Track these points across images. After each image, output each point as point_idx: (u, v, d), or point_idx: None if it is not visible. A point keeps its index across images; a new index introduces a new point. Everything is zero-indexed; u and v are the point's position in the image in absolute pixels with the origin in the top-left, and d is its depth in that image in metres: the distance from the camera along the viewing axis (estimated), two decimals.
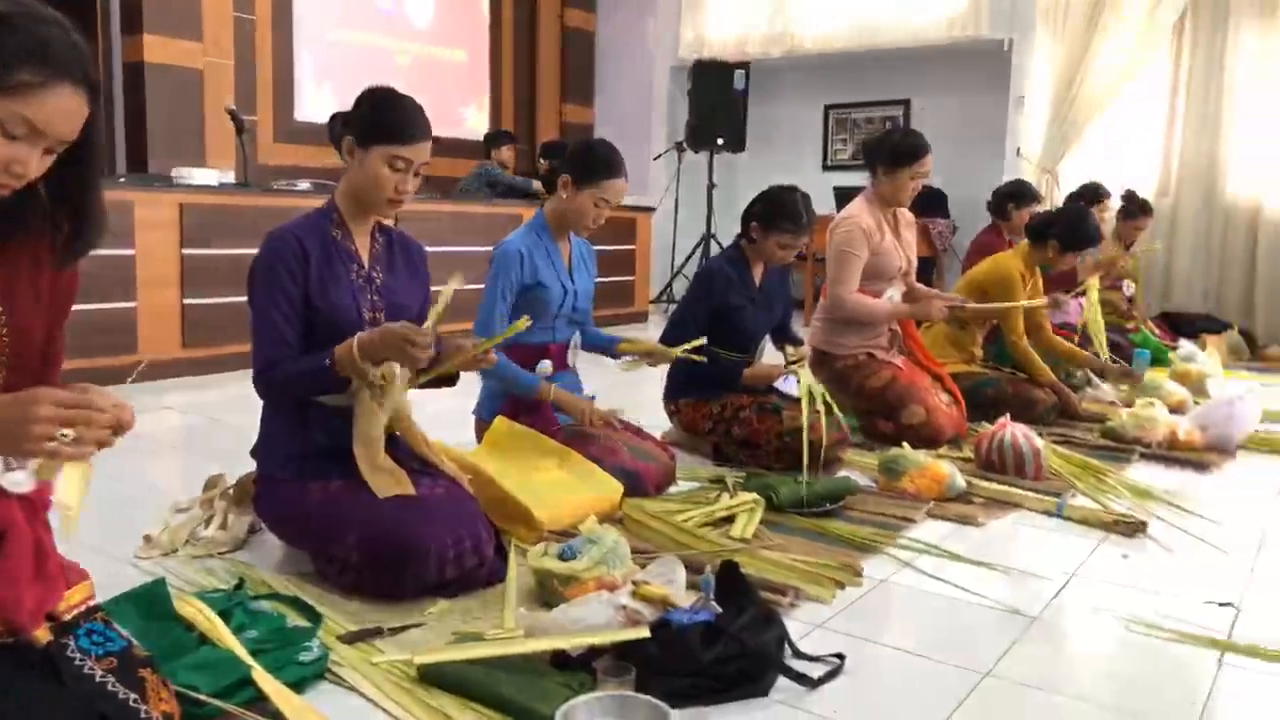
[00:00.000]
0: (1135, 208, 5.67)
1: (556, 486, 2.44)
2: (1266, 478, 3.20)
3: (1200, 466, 3.28)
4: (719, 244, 7.89)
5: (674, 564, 1.97)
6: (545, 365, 2.79)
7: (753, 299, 3.17)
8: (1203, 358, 4.76)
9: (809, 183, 8.38)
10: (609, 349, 2.98)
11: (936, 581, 2.19)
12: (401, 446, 2.14)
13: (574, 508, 2.34)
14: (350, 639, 1.77)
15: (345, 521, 1.95)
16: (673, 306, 7.71)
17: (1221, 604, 2.10)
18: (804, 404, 2.92)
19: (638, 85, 8.87)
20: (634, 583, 1.87)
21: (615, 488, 2.51)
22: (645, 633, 1.64)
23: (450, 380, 2.18)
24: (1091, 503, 2.80)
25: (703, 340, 2.92)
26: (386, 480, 1.99)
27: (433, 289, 2.11)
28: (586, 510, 2.28)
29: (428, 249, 2.31)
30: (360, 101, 2.08)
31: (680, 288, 8.04)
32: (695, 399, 3.20)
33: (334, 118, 2.13)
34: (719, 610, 1.76)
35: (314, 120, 6.61)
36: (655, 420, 3.31)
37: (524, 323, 2.05)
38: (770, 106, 8.66)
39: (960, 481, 2.79)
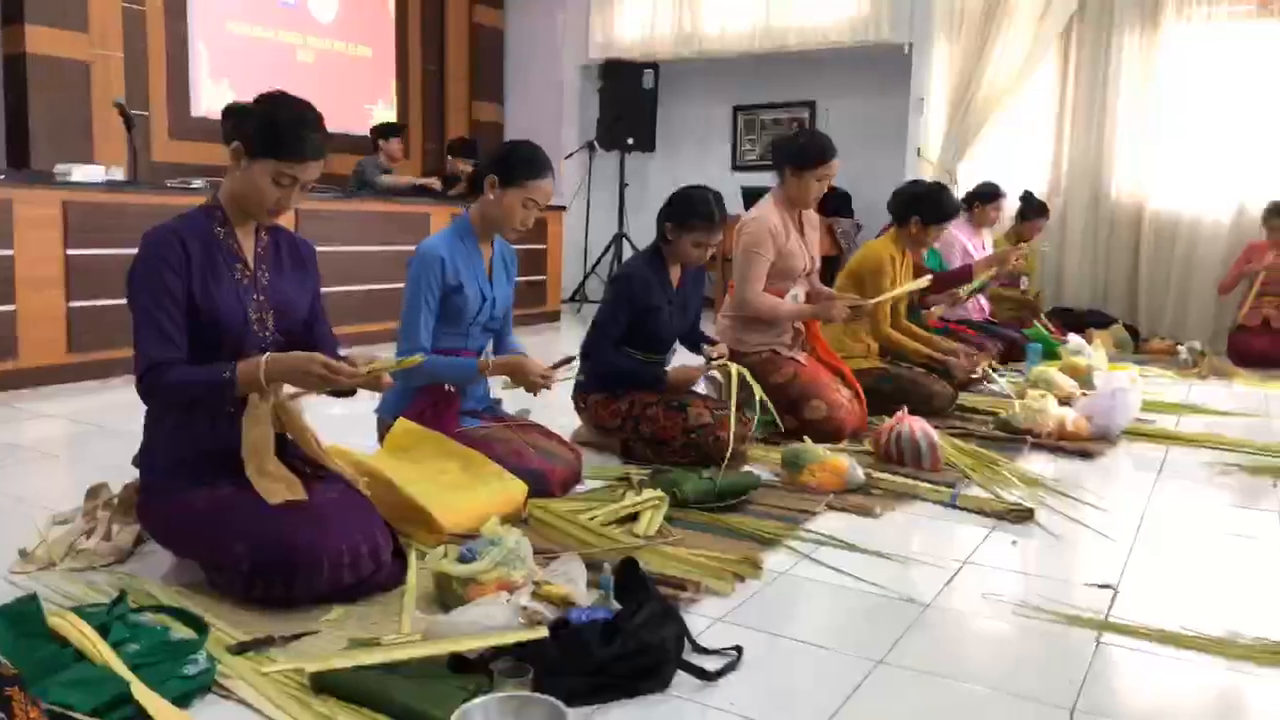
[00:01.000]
0: (1032, 209, 5.92)
1: (459, 489, 2.41)
2: (1146, 464, 3.36)
3: (1086, 455, 3.43)
4: (631, 243, 7.92)
5: (575, 563, 1.97)
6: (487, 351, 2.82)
7: (670, 300, 3.19)
8: (1090, 351, 4.97)
9: (718, 183, 8.44)
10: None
11: (834, 572, 2.24)
12: (293, 450, 2.09)
13: (477, 510, 2.32)
14: (239, 649, 1.71)
15: (234, 529, 1.89)
16: (587, 306, 7.73)
17: (1101, 585, 2.20)
18: (731, 394, 2.97)
19: (548, 84, 8.84)
20: (535, 583, 1.87)
21: (520, 489, 2.49)
22: (544, 633, 1.64)
23: (349, 390, 2.13)
24: (984, 492, 2.90)
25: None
26: (276, 486, 1.94)
27: (371, 357, 2.05)
28: (490, 512, 2.26)
29: (329, 249, 2.26)
30: (255, 108, 1.99)
31: (593, 287, 8.05)
32: (604, 395, 3.21)
33: (228, 112, 2.05)
34: (618, 608, 1.77)
35: (212, 116, 6.39)
36: (565, 421, 3.30)
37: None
38: (680, 107, 8.72)
39: (860, 474, 2.86)
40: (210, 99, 6.73)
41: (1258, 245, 5.95)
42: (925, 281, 4.02)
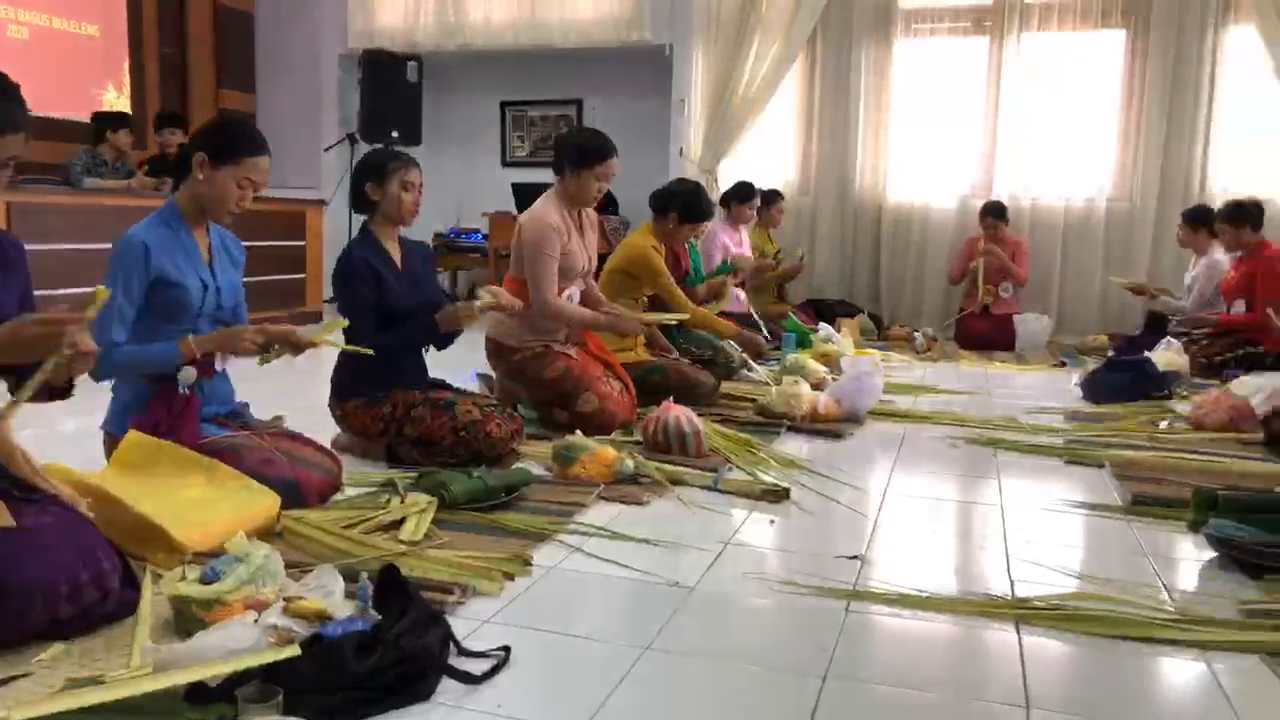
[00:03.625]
0: (770, 195, 6.50)
1: (202, 504, 2.22)
2: (888, 441, 3.63)
3: (836, 435, 3.66)
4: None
5: (332, 575, 1.86)
6: (188, 372, 2.52)
7: (398, 277, 3.08)
8: (839, 339, 5.34)
9: (489, 179, 8.25)
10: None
11: (604, 563, 2.25)
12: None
13: (224, 525, 2.14)
14: None
15: None
16: None
17: (850, 557, 2.35)
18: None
19: (304, 73, 8.38)
20: (286, 599, 1.75)
21: (271, 500, 2.33)
22: (295, 651, 1.53)
23: (63, 391, 1.90)
24: (745, 475, 3.03)
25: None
26: None
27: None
28: (238, 527, 2.08)
29: (48, 247, 2.01)
30: None
31: None
32: (364, 401, 3.07)
33: None
34: (378, 618, 1.69)
35: None
36: (324, 425, 3.13)
37: (46, 370, 1.71)
38: (446, 100, 8.54)
39: (629, 464, 2.90)
40: None
41: (976, 239, 6.61)
42: (684, 317, 4.17)
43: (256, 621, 1.66)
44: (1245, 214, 5.14)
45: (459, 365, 3.73)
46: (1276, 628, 1.91)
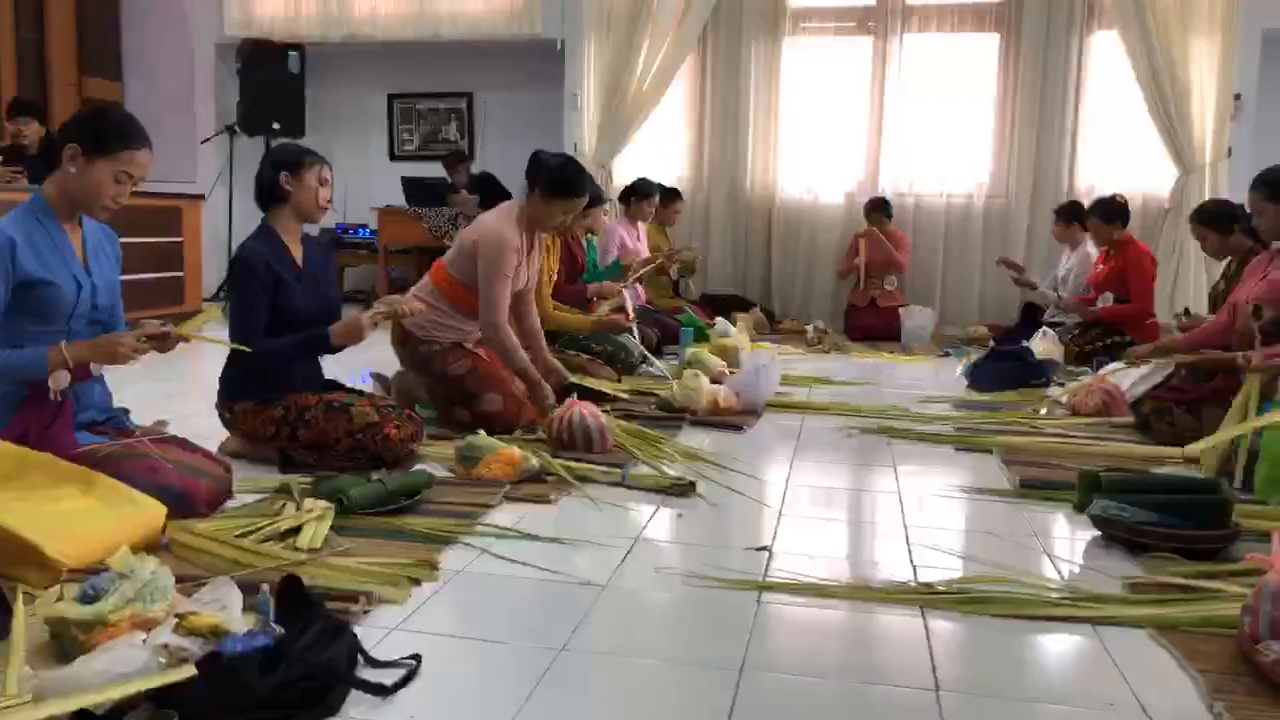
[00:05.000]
0: (668, 193, 6.52)
1: (80, 517, 2.08)
2: (787, 432, 3.69)
3: (737, 428, 3.70)
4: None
5: (228, 588, 1.76)
6: (60, 376, 2.35)
7: (299, 278, 2.96)
8: (735, 332, 5.40)
9: (377, 173, 8.06)
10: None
11: (513, 564, 2.21)
12: None
13: (104, 540, 2.00)
14: None
15: None
16: None
17: (758, 548, 2.37)
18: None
19: (177, 62, 8.00)
20: (177, 616, 1.65)
21: (156, 511, 2.20)
22: (191, 671, 1.45)
23: None
24: (651, 470, 3.02)
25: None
26: None
27: None
28: (120, 541, 1.96)
29: None
30: None
31: None
32: (255, 403, 2.93)
33: None
34: (280, 632, 1.61)
35: None
36: (211, 430, 2.98)
37: None
38: (331, 91, 8.27)
39: (534, 462, 2.86)
40: None
41: (861, 235, 6.80)
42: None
43: (145, 642, 1.55)
44: (1115, 211, 5.43)
45: (354, 365, 3.62)
46: (1158, 602, 2.02)
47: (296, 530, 2.29)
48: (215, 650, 1.51)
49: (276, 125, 7.50)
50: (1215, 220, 4.22)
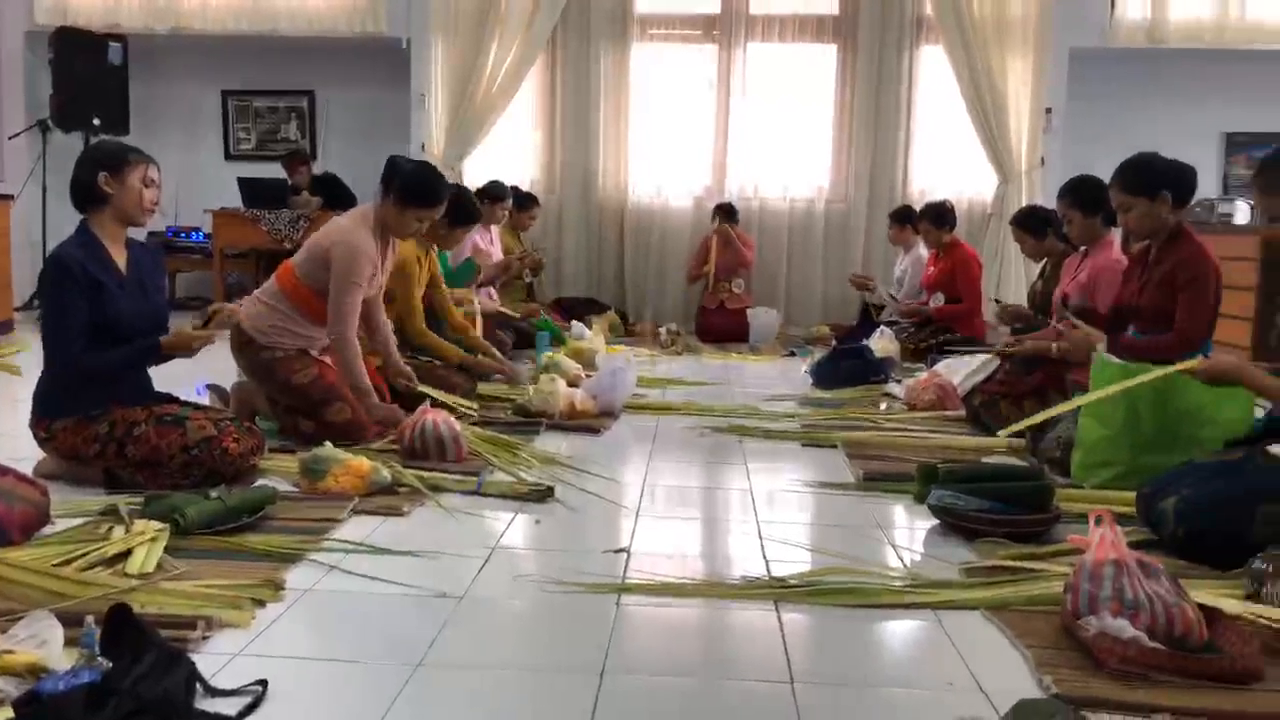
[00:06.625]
0: (525, 199, 6.46)
1: None
2: (643, 434, 3.73)
3: (594, 431, 3.71)
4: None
5: (47, 621, 1.63)
6: None
7: (122, 284, 2.77)
8: (590, 336, 5.42)
9: (211, 173, 7.68)
10: None
11: (365, 579, 2.14)
12: None
13: None
14: None
15: None
16: None
17: (616, 550, 2.38)
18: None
19: None
20: None
21: None
22: (6, 713, 1.33)
23: None
24: (508, 476, 2.99)
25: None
26: None
27: None
28: None
29: None
30: None
31: None
32: (76, 419, 2.72)
33: None
34: (109, 665, 1.50)
35: None
36: (24, 451, 2.75)
37: None
38: (159, 86, 7.79)
39: (385, 474, 2.78)
40: None
41: (710, 238, 6.95)
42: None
43: None
44: (944, 216, 5.76)
45: (187, 376, 3.42)
46: (990, 584, 2.15)
47: (126, 555, 2.13)
48: (34, 690, 1.40)
49: (97, 121, 7.01)
50: (1030, 225, 4.52)
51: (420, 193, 3.38)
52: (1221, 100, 7.30)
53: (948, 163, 7.38)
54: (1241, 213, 5.93)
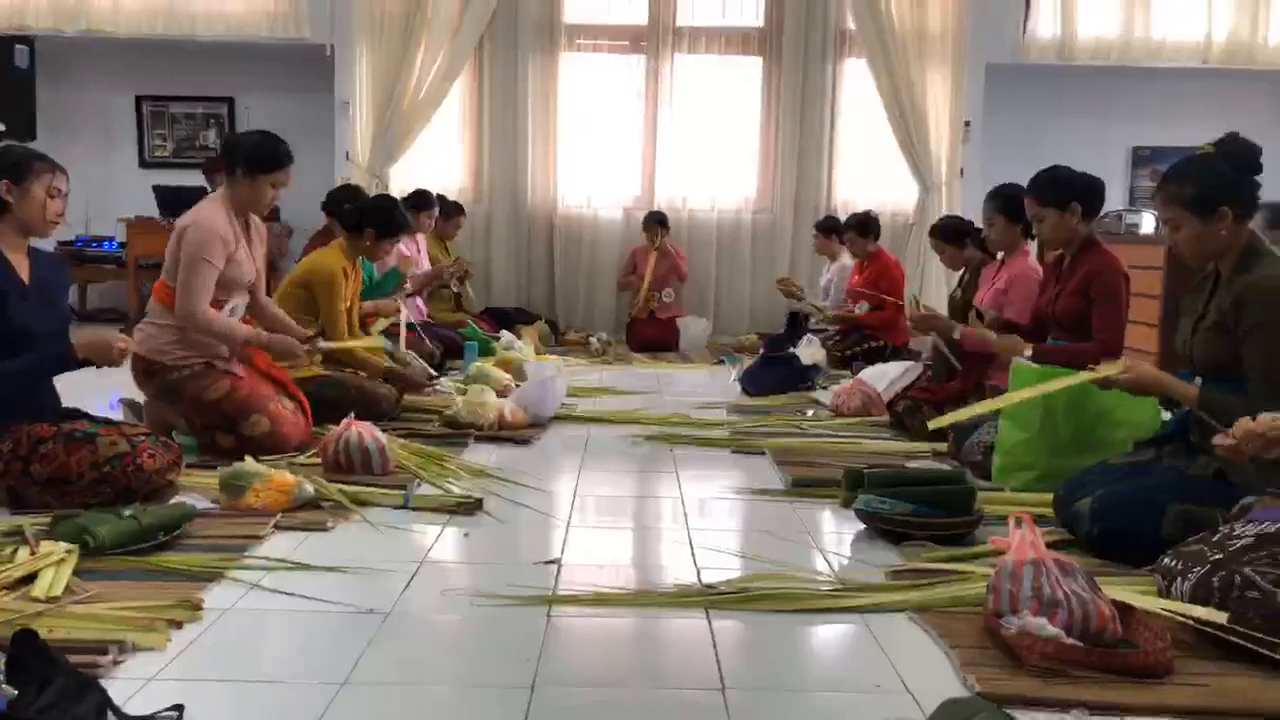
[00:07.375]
0: (450, 208, 6.44)
1: None
2: (574, 443, 3.71)
3: (524, 441, 3.68)
4: None
5: None
6: None
7: (24, 294, 2.65)
8: (520, 345, 5.39)
9: (125, 181, 7.42)
10: None
11: (287, 597, 2.08)
12: None
13: None
14: None
15: None
16: None
17: (547, 562, 2.36)
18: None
19: None
20: None
21: None
22: None
23: None
24: (436, 489, 2.95)
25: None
26: None
27: None
28: None
29: None
30: None
31: None
32: None
33: None
34: (14, 693, 1.43)
35: None
36: None
37: None
38: (69, 91, 7.52)
39: (309, 488, 2.71)
40: None
41: (640, 249, 6.99)
42: (372, 343, 3.97)
43: None
44: (868, 226, 5.87)
45: (98, 390, 3.30)
46: (915, 586, 2.18)
47: (32, 578, 2.04)
48: None
49: (2, 127, 6.74)
50: (949, 235, 4.63)
51: (267, 155, 3.31)
52: (1128, 116, 7.61)
53: (870, 173, 7.52)
54: (1147, 223, 6.18)
